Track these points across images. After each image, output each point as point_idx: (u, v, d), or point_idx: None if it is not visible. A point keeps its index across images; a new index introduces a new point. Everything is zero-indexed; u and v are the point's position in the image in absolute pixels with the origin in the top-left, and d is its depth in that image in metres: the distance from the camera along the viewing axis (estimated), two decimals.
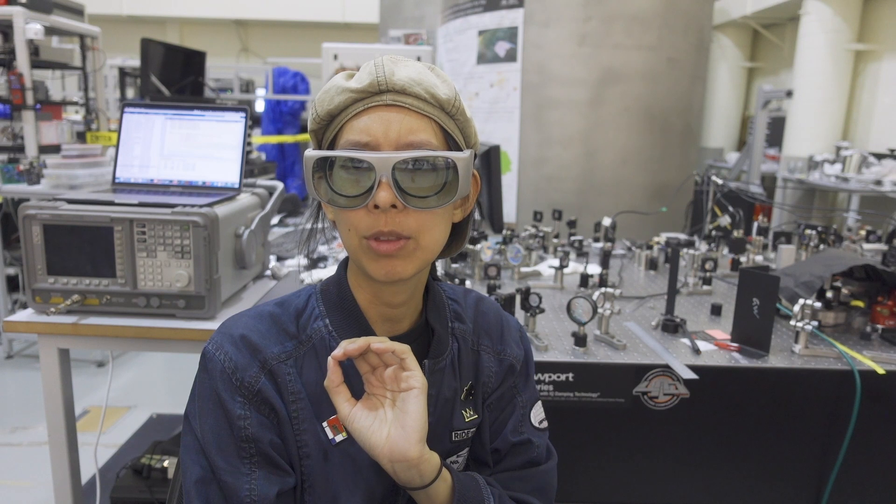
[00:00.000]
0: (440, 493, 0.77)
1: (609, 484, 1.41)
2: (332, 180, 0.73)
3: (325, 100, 0.74)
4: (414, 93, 0.72)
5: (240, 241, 1.56)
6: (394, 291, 0.79)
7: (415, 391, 0.73)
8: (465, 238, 0.86)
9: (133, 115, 1.64)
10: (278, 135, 8.23)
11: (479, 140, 0.81)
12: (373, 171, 0.70)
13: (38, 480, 2.48)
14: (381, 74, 0.72)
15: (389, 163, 0.69)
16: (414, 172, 0.71)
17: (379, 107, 0.72)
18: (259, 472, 0.75)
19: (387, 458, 0.72)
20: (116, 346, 1.56)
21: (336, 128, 0.74)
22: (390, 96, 0.72)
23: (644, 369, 1.33)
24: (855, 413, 1.30)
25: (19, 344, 3.79)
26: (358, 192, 0.71)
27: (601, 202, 3.34)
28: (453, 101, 0.75)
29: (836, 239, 2.23)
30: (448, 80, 0.76)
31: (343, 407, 0.73)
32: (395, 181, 0.70)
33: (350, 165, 0.72)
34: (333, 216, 0.80)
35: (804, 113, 6.20)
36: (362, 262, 0.74)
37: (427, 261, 0.76)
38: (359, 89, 0.72)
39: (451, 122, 0.76)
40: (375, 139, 0.71)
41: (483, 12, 3.48)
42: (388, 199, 0.69)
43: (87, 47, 4.21)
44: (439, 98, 0.74)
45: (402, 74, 0.72)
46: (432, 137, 0.73)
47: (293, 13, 10.78)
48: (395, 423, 0.73)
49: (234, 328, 0.79)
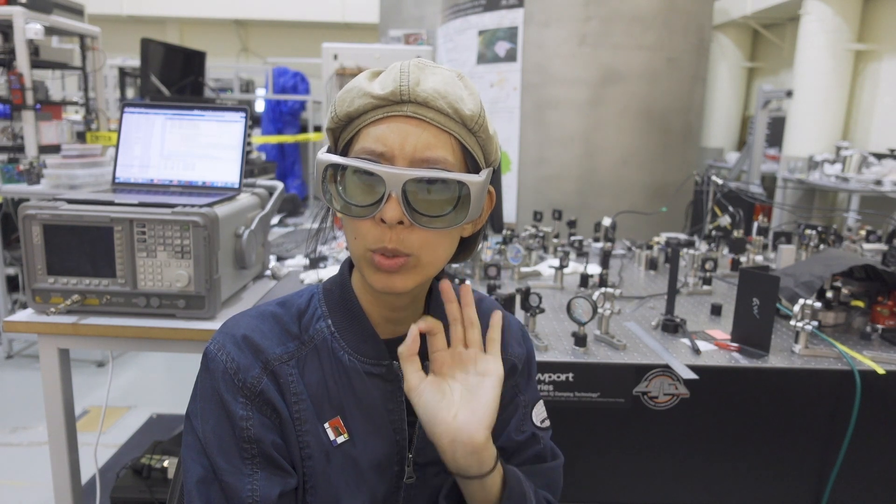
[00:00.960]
0: (494, 484, 0.77)
1: (609, 484, 1.41)
2: (343, 185, 0.72)
3: (345, 100, 0.72)
4: (436, 106, 0.70)
5: (240, 241, 1.56)
6: (395, 297, 0.79)
7: (492, 378, 0.73)
8: (473, 251, 0.86)
9: (133, 115, 1.64)
10: (278, 135, 8.23)
11: (499, 156, 0.79)
12: (383, 184, 0.68)
13: (38, 480, 2.48)
14: (406, 83, 0.69)
15: (401, 179, 0.68)
16: (426, 190, 0.70)
17: (398, 117, 0.70)
18: (261, 472, 0.74)
19: (449, 439, 0.71)
20: (116, 346, 1.56)
21: (354, 130, 0.73)
22: (411, 108, 0.69)
23: (644, 369, 1.33)
24: (855, 413, 1.30)
25: (19, 344, 3.79)
26: (367, 203, 0.70)
27: (601, 202, 3.34)
28: (477, 118, 0.72)
29: (836, 239, 2.23)
30: (475, 92, 0.74)
31: (413, 377, 0.73)
32: (404, 197, 0.68)
33: (361, 175, 0.70)
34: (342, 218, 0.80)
35: (804, 113, 6.19)
36: (363, 272, 0.74)
37: (428, 276, 0.75)
38: (380, 96, 0.70)
39: (471, 139, 0.73)
40: (391, 151, 0.69)
41: (483, 12, 3.48)
42: (396, 215, 0.68)
43: (87, 47, 4.21)
44: (462, 114, 0.71)
45: (428, 85, 0.70)
46: (449, 155, 0.70)
47: (293, 13, 10.78)
48: (465, 406, 0.72)
49: (237, 328, 0.79)
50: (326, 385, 0.78)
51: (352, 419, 0.79)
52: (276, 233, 2.55)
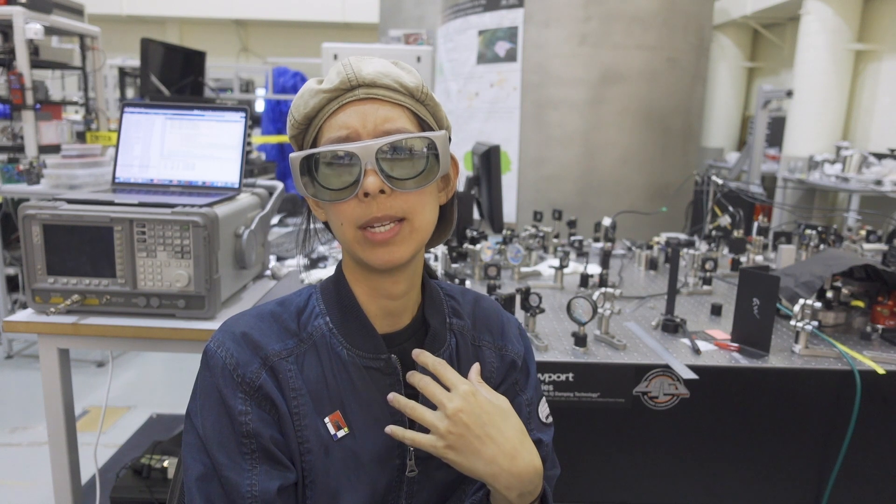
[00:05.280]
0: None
1: (609, 484, 1.41)
2: (318, 178, 0.75)
3: (300, 105, 0.77)
4: (384, 84, 0.75)
5: (240, 241, 1.56)
6: (392, 281, 0.80)
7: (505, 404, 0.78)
8: (452, 221, 0.89)
9: (133, 115, 1.64)
10: (278, 135, 8.23)
11: (450, 123, 0.85)
12: (357, 161, 0.72)
13: (38, 480, 2.48)
14: (351, 72, 0.75)
15: (372, 150, 0.72)
16: (396, 158, 0.74)
17: (353, 102, 0.75)
18: (260, 467, 0.75)
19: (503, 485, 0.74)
20: (116, 346, 1.56)
21: (315, 129, 0.77)
22: (362, 90, 0.75)
23: (644, 369, 1.33)
24: (855, 413, 1.30)
25: (19, 344, 3.79)
26: (346, 184, 0.74)
27: (601, 202, 3.34)
28: (421, 88, 0.78)
29: (836, 239, 2.23)
30: (413, 70, 0.80)
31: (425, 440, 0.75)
32: (380, 167, 0.72)
33: (334, 161, 0.74)
34: (325, 216, 0.82)
35: (804, 113, 6.19)
36: (358, 253, 0.76)
37: (422, 242, 0.78)
38: (331, 89, 0.75)
39: (422, 108, 0.79)
40: (355, 131, 0.74)
41: (483, 12, 3.48)
42: (376, 184, 0.72)
43: (87, 47, 4.20)
44: (408, 86, 0.77)
45: (370, 69, 0.76)
46: (408, 124, 0.76)
47: (293, 13, 10.78)
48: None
49: (236, 326, 0.80)
50: (325, 380, 0.79)
51: (352, 413, 0.79)
52: (276, 233, 2.55)
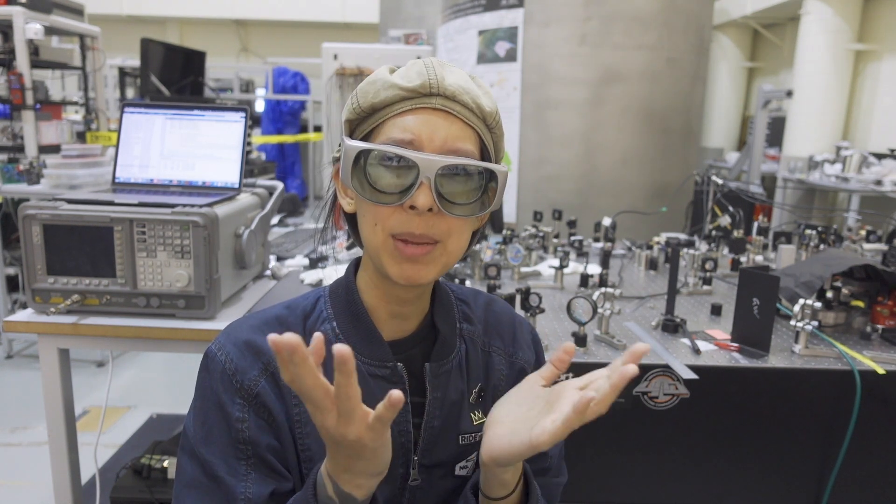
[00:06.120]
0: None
1: (609, 484, 1.41)
2: (368, 173, 0.72)
3: (369, 92, 0.73)
4: (462, 101, 0.72)
5: (240, 241, 1.56)
6: (406, 288, 0.78)
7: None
8: (472, 247, 0.87)
9: (133, 115, 1.64)
10: (278, 135, 8.23)
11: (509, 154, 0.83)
12: (415, 170, 0.69)
13: (38, 480, 2.48)
14: (434, 77, 0.71)
15: (435, 165, 0.69)
16: (455, 179, 0.71)
17: (426, 108, 0.72)
18: (254, 473, 0.74)
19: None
20: (116, 346, 1.56)
21: (376, 122, 0.74)
22: (440, 100, 0.72)
23: (644, 369, 1.33)
24: (855, 413, 1.30)
25: (19, 344, 3.79)
26: (395, 190, 0.71)
27: (601, 202, 3.34)
28: (495, 115, 0.75)
29: (836, 239, 2.23)
30: (490, 92, 0.77)
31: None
32: (435, 186, 0.70)
33: (391, 163, 0.71)
34: (354, 208, 0.79)
35: (804, 113, 6.19)
36: (383, 262, 0.73)
37: (448, 266, 0.76)
38: (409, 88, 0.71)
39: (489, 135, 0.76)
40: (419, 140, 0.71)
41: (483, 12, 3.48)
42: (427, 202, 0.69)
43: (87, 47, 4.20)
44: (483, 110, 0.74)
45: (452, 80, 0.72)
46: (473, 147, 0.73)
47: (293, 13, 10.77)
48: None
49: (239, 330, 0.79)
50: None
51: None
52: (276, 233, 2.55)
